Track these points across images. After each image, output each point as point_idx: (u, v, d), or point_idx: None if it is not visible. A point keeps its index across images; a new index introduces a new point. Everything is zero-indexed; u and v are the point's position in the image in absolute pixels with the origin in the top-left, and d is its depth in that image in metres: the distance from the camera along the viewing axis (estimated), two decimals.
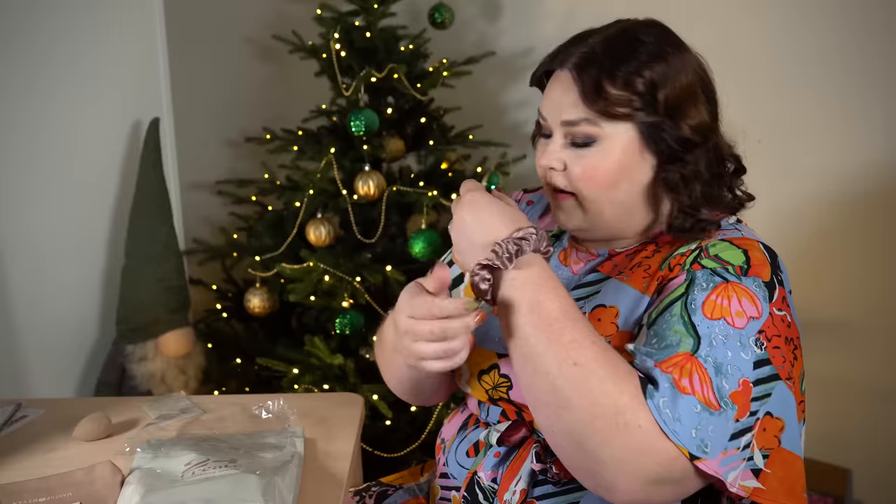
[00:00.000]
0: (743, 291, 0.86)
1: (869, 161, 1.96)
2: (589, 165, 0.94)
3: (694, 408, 0.80)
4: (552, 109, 0.97)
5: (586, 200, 0.96)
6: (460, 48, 2.23)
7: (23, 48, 1.68)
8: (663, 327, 0.86)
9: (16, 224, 1.65)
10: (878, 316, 2.01)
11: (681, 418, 0.79)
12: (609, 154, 0.94)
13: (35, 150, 1.72)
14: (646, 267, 0.97)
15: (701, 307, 0.85)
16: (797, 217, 2.01)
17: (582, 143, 0.95)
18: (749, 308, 0.85)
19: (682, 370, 0.81)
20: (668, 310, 0.87)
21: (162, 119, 2.05)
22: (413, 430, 1.89)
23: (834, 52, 1.94)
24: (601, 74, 0.92)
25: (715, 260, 0.89)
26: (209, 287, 2.22)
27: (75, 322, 1.90)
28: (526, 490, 0.95)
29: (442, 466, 1.09)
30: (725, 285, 0.86)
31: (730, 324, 0.84)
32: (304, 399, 1.26)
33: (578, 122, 0.94)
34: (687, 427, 0.79)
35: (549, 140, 0.99)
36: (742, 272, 0.88)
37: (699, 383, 0.81)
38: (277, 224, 2.09)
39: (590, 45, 0.95)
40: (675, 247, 0.96)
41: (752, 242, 0.92)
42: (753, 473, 0.81)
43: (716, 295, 0.86)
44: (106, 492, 0.96)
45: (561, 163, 0.97)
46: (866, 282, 2.02)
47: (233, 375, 2.10)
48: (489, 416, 1.05)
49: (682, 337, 0.84)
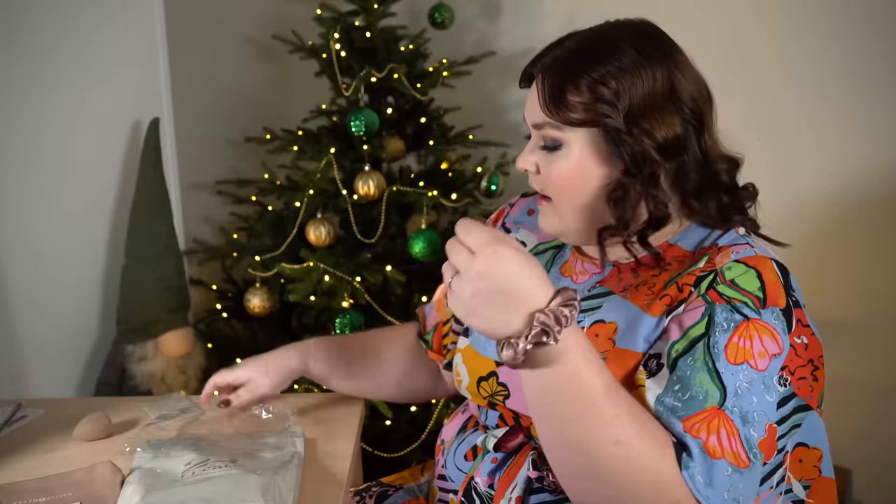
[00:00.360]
0: (764, 329, 0.84)
1: (874, 162, 1.96)
2: (554, 169, 0.94)
3: (725, 471, 0.79)
4: (527, 111, 0.97)
5: (558, 204, 0.96)
6: (460, 48, 2.23)
7: (23, 48, 1.68)
8: (687, 374, 0.83)
9: (16, 224, 1.65)
10: (880, 316, 2.01)
11: (713, 483, 0.78)
12: (571, 159, 0.93)
13: (35, 150, 1.72)
14: (651, 285, 0.94)
15: (724, 351, 0.83)
16: (800, 217, 2.01)
17: (551, 146, 0.94)
18: (770, 346, 0.84)
19: (709, 428, 0.80)
20: (691, 353, 0.84)
21: (162, 119, 2.05)
22: (413, 430, 1.89)
23: (839, 53, 1.94)
24: (565, 80, 0.92)
25: (732, 287, 0.87)
26: (209, 287, 2.22)
27: (75, 322, 1.90)
28: (522, 497, 0.95)
29: (441, 468, 1.09)
30: (746, 324, 0.84)
31: (753, 367, 0.83)
32: (304, 399, 1.26)
33: (543, 125, 0.94)
34: (720, 491, 0.78)
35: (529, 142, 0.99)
36: (760, 303, 0.85)
37: (727, 438, 0.80)
38: (277, 224, 2.09)
39: (564, 48, 0.95)
40: (685, 266, 0.93)
41: (764, 261, 0.89)
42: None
43: (738, 336, 0.84)
44: (106, 492, 0.95)
45: (533, 165, 0.97)
46: (869, 283, 2.02)
47: None
48: (488, 419, 1.04)
49: (708, 388, 0.82)
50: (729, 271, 0.88)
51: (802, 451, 0.84)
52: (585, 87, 0.90)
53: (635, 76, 0.90)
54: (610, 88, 0.90)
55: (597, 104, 0.90)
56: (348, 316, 1.88)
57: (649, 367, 0.87)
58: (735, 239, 0.93)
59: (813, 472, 0.84)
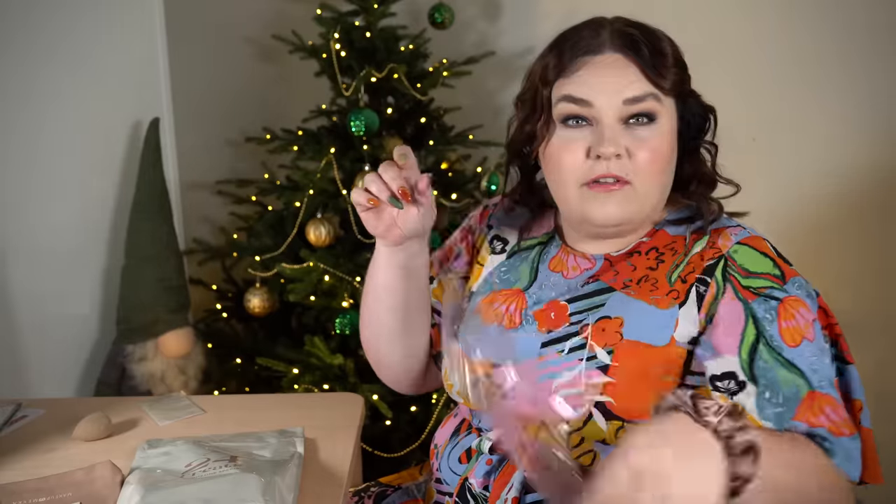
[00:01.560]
0: (796, 303, 0.90)
1: (867, 163, 1.96)
2: (650, 145, 0.93)
3: (847, 441, 0.86)
4: (604, 90, 0.93)
5: (644, 184, 0.94)
6: (460, 48, 2.23)
7: (22, 48, 1.68)
8: (769, 377, 0.88)
9: (16, 224, 1.65)
10: (872, 317, 2.01)
11: (849, 458, 0.86)
12: (666, 131, 0.95)
13: (35, 150, 1.72)
14: (652, 281, 0.96)
15: (782, 340, 0.88)
16: (792, 218, 2.01)
17: (644, 122, 0.94)
18: (808, 315, 0.90)
19: (815, 412, 0.86)
20: (758, 357, 0.88)
21: (162, 119, 2.05)
22: (413, 430, 1.89)
23: (832, 54, 1.94)
24: (657, 49, 0.94)
25: (751, 276, 0.91)
26: (209, 287, 2.22)
27: (75, 322, 1.90)
28: (517, 498, 0.95)
29: (436, 472, 1.09)
30: (783, 306, 0.90)
31: (809, 340, 0.89)
32: (305, 399, 1.26)
33: (644, 97, 0.93)
34: (855, 461, 0.87)
35: (590, 128, 0.95)
36: (781, 280, 0.91)
37: (833, 412, 0.86)
38: (277, 224, 2.09)
39: (616, 30, 0.96)
40: (680, 256, 0.96)
41: (759, 240, 0.95)
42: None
43: (784, 321, 0.89)
44: (106, 492, 0.95)
45: (624, 148, 0.93)
46: (861, 283, 2.02)
47: (233, 375, 2.10)
48: (481, 422, 1.04)
49: (795, 380, 0.87)
50: (737, 255, 0.92)
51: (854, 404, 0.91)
52: (671, 55, 0.96)
53: (678, 48, 0.98)
54: (679, 56, 0.97)
55: (683, 71, 0.97)
56: (348, 316, 1.88)
57: (724, 388, 0.90)
58: (724, 222, 0.98)
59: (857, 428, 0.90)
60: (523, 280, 1.06)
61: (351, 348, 1.95)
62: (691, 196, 1.00)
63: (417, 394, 1.24)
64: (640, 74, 0.93)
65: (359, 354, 1.94)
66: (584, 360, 0.93)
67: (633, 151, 0.93)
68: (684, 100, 0.98)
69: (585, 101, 0.94)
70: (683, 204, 1.01)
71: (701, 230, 0.97)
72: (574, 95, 0.94)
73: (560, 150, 0.96)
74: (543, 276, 1.04)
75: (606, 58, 0.94)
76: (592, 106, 0.94)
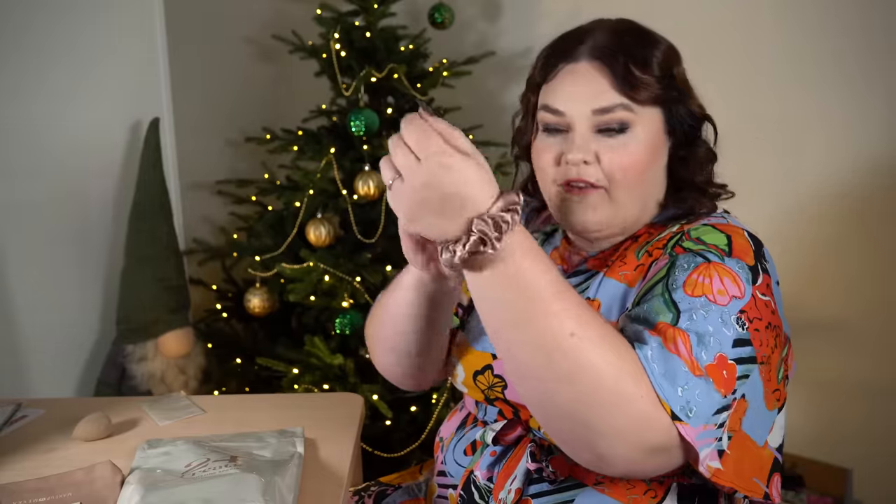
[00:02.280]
0: (725, 271, 0.85)
1: (868, 165, 1.96)
2: (622, 153, 0.93)
3: (681, 367, 0.78)
4: (576, 100, 0.95)
5: (618, 190, 0.95)
6: (460, 48, 2.23)
7: (23, 49, 1.68)
8: (644, 308, 0.85)
9: (16, 224, 1.65)
10: (870, 318, 2.01)
11: (666, 375, 0.77)
12: (642, 140, 0.94)
13: (35, 150, 1.72)
14: (622, 257, 0.98)
15: (682, 286, 0.84)
16: (794, 219, 2.01)
17: (616, 130, 0.93)
18: (731, 287, 0.84)
19: (664, 336, 0.80)
20: (651, 292, 0.86)
21: (162, 119, 2.05)
22: (413, 430, 1.89)
23: (828, 55, 1.94)
24: (627, 60, 0.93)
25: (696, 242, 0.89)
26: (209, 287, 2.22)
27: (75, 322, 1.90)
28: (521, 489, 0.95)
29: (440, 465, 1.10)
30: (707, 265, 0.86)
31: (711, 300, 0.83)
32: (305, 399, 1.26)
33: (613, 108, 0.93)
34: (675, 385, 0.77)
35: (565, 135, 0.96)
36: (725, 254, 0.87)
37: (683, 347, 0.79)
38: (277, 224, 2.09)
39: (599, 37, 0.96)
40: (654, 237, 0.97)
41: (736, 229, 0.92)
42: (718, 454, 0.80)
43: (697, 274, 0.85)
44: (106, 492, 0.95)
45: (593, 154, 0.94)
46: (860, 285, 2.02)
47: (233, 375, 2.10)
48: (486, 415, 1.05)
49: (660, 311, 0.83)
50: (695, 231, 0.92)
51: (739, 402, 0.82)
52: (655, 64, 0.94)
53: (673, 56, 0.97)
54: (660, 62, 0.95)
55: (659, 78, 0.94)
56: (348, 316, 1.88)
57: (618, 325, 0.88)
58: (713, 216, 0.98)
59: (736, 423, 0.82)
60: None
61: (351, 348, 1.95)
62: (683, 199, 1.00)
63: (419, 390, 1.23)
64: (611, 84, 0.93)
65: (359, 354, 1.94)
66: None
67: (602, 159, 0.94)
68: (670, 108, 0.96)
69: (558, 111, 0.96)
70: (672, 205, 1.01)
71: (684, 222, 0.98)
72: (549, 105, 0.97)
73: (540, 152, 0.99)
74: None
75: (582, 66, 0.95)
76: (564, 115, 0.95)
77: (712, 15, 2.03)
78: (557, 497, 0.95)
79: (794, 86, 1.99)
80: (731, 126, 1.04)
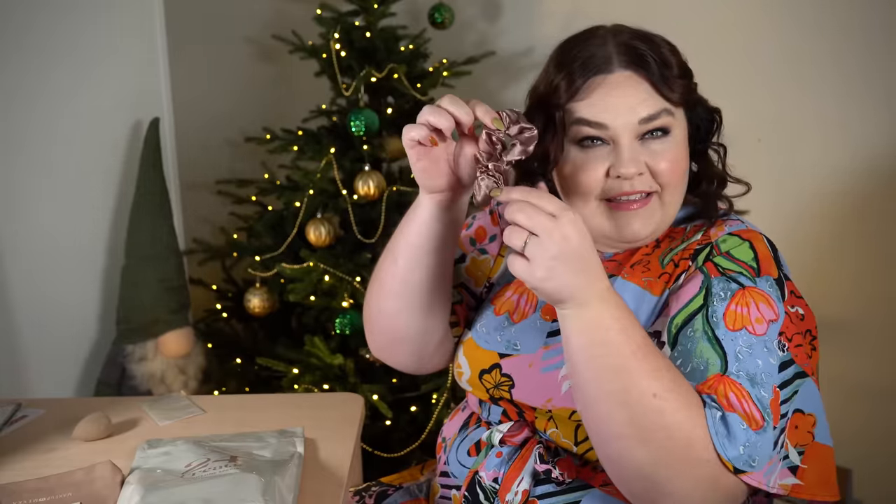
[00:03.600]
0: (760, 296, 0.87)
1: (868, 164, 1.96)
2: (667, 158, 0.94)
3: (740, 425, 0.80)
4: (619, 111, 0.93)
5: (669, 195, 0.96)
6: (460, 48, 2.23)
7: (23, 49, 1.68)
8: (688, 347, 0.86)
9: (16, 224, 1.65)
10: (871, 316, 2.01)
11: (729, 436, 0.80)
12: (679, 140, 0.96)
13: (35, 150, 1.72)
14: (645, 263, 0.97)
15: (723, 318, 0.86)
16: (796, 217, 2.01)
17: (659, 136, 0.94)
18: (767, 312, 0.86)
19: (717, 392, 0.82)
20: (690, 325, 0.87)
21: (162, 119, 2.05)
22: (413, 430, 1.89)
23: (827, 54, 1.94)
24: (664, 65, 0.94)
25: (728, 258, 0.91)
26: (209, 287, 2.22)
27: (75, 322, 1.90)
28: (528, 490, 0.95)
29: (443, 465, 1.09)
30: (742, 292, 0.87)
31: (751, 332, 0.85)
32: (304, 399, 1.26)
33: (658, 114, 0.93)
34: (736, 444, 0.80)
35: (606, 147, 0.94)
36: (755, 272, 0.89)
37: (737, 400, 0.81)
38: (277, 224, 2.09)
39: (623, 43, 0.95)
40: (677, 242, 0.98)
41: (756, 234, 0.94)
42: (790, 471, 0.83)
43: (735, 304, 0.87)
44: (106, 492, 0.95)
45: (644, 164, 0.94)
46: (861, 283, 2.02)
47: (233, 375, 2.10)
48: (490, 415, 1.04)
49: (709, 357, 0.84)
50: (724, 243, 0.93)
51: (798, 417, 0.85)
52: (676, 65, 0.95)
53: (678, 52, 0.98)
54: (681, 62, 0.97)
55: (689, 79, 0.97)
56: (348, 316, 1.88)
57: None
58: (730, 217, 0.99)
59: (807, 437, 0.85)
60: None
61: (351, 348, 1.95)
62: (701, 195, 1.01)
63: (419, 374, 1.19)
64: (652, 91, 0.93)
65: (359, 354, 1.94)
66: None
67: (652, 166, 0.94)
68: (692, 107, 0.99)
69: (601, 125, 0.93)
70: (689, 202, 1.02)
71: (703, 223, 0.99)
72: (589, 119, 0.94)
73: (577, 170, 0.96)
74: None
75: (617, 77, 0.93)
76: (608, 128, 0.93)
77: (712, 15, 2.03)
78: (564, 498, 0.95)
79: (792, 85, 1.99)
80: (729, 125, 1.05)
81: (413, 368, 1.14)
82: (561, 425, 0.96)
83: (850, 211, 1.99)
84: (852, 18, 1.91)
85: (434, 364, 1.13)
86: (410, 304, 1.02)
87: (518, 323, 1.03)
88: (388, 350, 1.12)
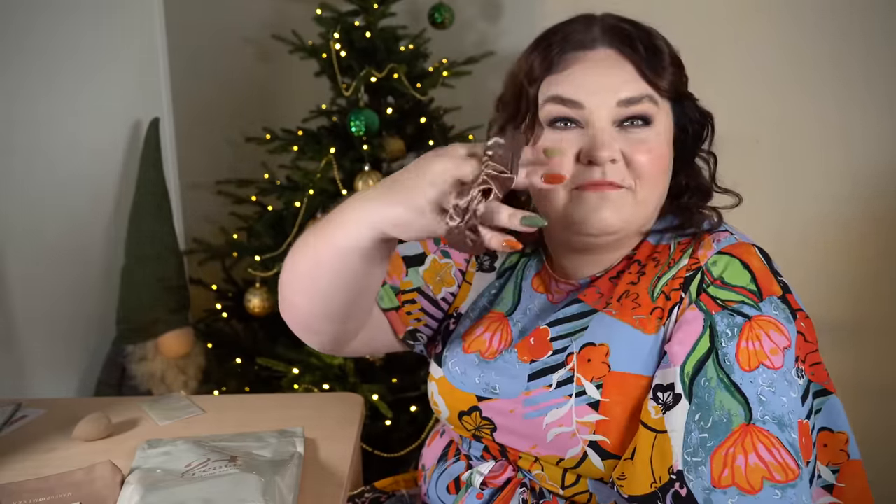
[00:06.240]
0: (769, 324, 0.80)
1: (866, 165, 1.96)
2: (646, 149, 0.85)
3: (774, 496, 0.74)
4: (597, 89, 0.85)
5: (643, 189, 0.86)
6: (460, 48, 2.23)
7: (23, 49, 1.68)
8: (706, 399, 0.78)
9: (16, 223, 1.65)
10: (871, 316, 2.01)
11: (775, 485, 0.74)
12: (662, 134, 0.87)
13: (35, 150, 1.72)
14: (633, 297, 0.88)
15: (736, 361, 0.79)
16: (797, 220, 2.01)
17: (640, 124, 0.85)
18: (779, 339, 0.80)
19: (744, 448, 0.76)
20: (702, 373, 0.79)
21: (162, 119, 2.05)
22: (413, 430, 1.89)
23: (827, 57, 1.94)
24: (655, 49, 0.86)
25: (724, 287, 0.82)
26: (209, 287, 2.22)
27: (75, 322, 1.90)
28: None
29: (424, 496, 1.06)
30: (750, 324, 0.80)
31: (770, 367, 0.78)
32: (305, 399, 1.26)
33: (640, 98, 0.85)
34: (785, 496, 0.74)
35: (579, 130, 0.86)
36: (757, 297, 0.81)
37: (767, 452, 0.75)
38: (277, 224, 2.09)
39: (610, 24, 0.88)
40: (661, 268, 0.88)
41: (747, 248, 0.85)
42: (826, 489, 0.80)
43: (745, 340, 0.79)
44: (106, 492, 0.95)
45: (619, 152, 0.85)
46: (861, 282, 2.02)
47: (233, 375, 2.10)
48: (471, 449, 0.99)
49: (730, 408, 0.77)
50: (715, 267, 0.84)
51: (826, 435, 0.81)
52: (668, 54, 0.88)
53: (672, 46, 0.90)
54: (674, 55, 0.89)
55: (680, 72, 0.89)
56: None
57: (662, 400, 0.81)
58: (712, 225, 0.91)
59: (841, 456, 0.81)
60: (506, 303, 0.99)
61: None
62: (684, 206, 0.93)
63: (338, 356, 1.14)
64: (636, 73, 0.85)
65: None
66: (572, 395, 0.86)
67: (629, 155, 0.85)
68: (681, 103, 0.90)
69: (575, 102, 0.85)
70: (669, 212, 0.94)
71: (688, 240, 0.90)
72: (563, 96, 0.86)
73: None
74: (527, 297, 0.98)
75: (598, 53, 0.86)
76: (583, 107, 0.85)
77: (713, 18, 2.03)
78: None
79: (793, 87, 1.99)
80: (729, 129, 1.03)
81: (326, 351, 1.06)
82: (547, 468, 0.90)
83: (851, 215, 1.99)
84: (853, 22, 1.91)
85: (352, 351, 1.05)
86: (326, 311, 0.93)
87: (491, 361, 0.94)
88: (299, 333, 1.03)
